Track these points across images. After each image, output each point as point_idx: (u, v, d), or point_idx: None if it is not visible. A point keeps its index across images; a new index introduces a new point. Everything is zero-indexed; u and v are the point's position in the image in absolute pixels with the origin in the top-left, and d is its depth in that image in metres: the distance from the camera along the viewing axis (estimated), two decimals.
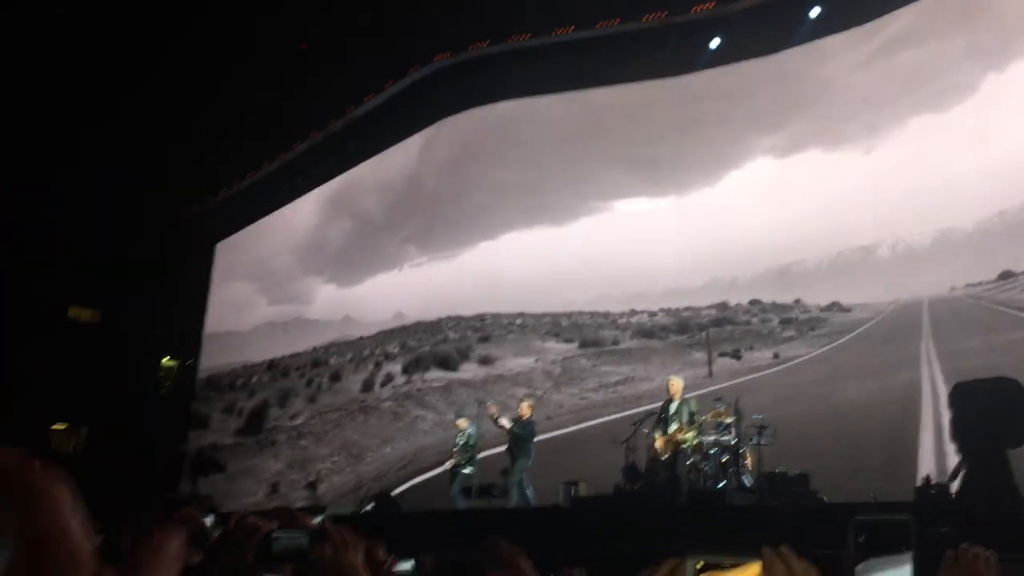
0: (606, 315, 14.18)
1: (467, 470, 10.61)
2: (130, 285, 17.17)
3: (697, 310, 13.15)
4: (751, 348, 12.82)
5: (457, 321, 15.36)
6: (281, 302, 17.95)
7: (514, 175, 14.79)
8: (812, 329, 12.36)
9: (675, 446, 8.55)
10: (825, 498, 8.20)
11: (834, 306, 11.98)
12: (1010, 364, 9.52)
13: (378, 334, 16.24)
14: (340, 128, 16.35)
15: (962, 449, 4.75)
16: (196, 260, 18.51)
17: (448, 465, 10.93)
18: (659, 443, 8.69)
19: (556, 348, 14.58)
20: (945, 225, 11.16)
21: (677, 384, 8.93)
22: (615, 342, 14.10)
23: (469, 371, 14.84)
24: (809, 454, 9.56)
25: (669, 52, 13.05)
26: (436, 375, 15.02)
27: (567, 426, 13.18)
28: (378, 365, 15.93)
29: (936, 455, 8.88)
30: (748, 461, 8.99)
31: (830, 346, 11.97)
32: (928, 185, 11.02)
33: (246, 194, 17.95)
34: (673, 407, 8.77)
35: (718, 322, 13.00)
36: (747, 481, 8.89)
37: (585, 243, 13.55)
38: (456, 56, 14.80)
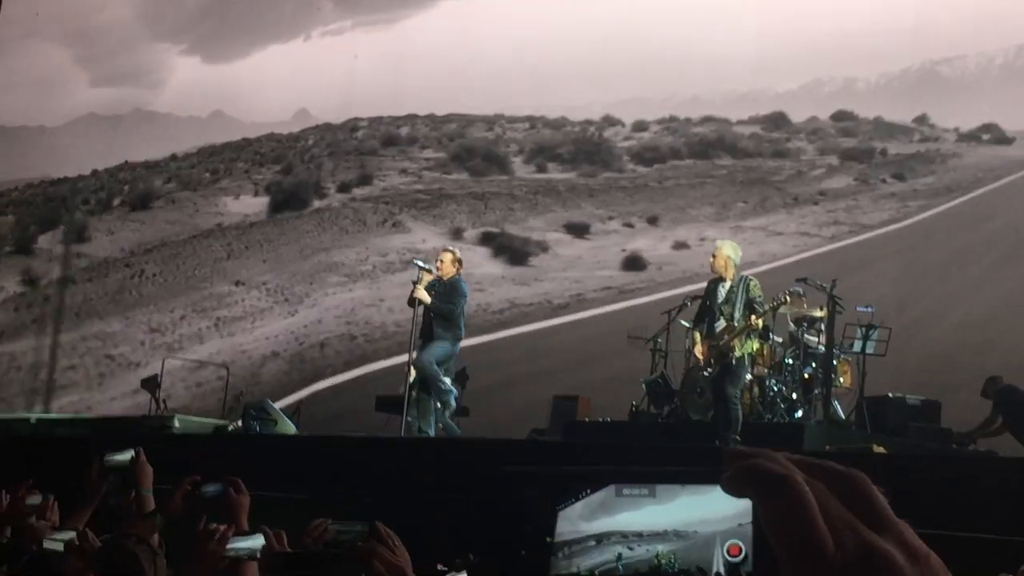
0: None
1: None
2: None
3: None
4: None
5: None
6: (113, 83, 13.37)
7: None
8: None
9: (724, 354, 6.10)
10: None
11: (987, 130, 8.42)
12: None
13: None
14: None
15: None
16: None
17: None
18: (699, 348, 6.27)
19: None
20: None
21: (725, 253, 6.14)
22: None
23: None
24: (940, 372, 7.67)
25: None
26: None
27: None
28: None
29: None
30: (844, 379, 7.28)
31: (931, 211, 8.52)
32: None
33: None
34: (723, 290, 6.13)
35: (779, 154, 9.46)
36: (839, 410, 7.28)
37: (606, 7, 9.79)
38: None
